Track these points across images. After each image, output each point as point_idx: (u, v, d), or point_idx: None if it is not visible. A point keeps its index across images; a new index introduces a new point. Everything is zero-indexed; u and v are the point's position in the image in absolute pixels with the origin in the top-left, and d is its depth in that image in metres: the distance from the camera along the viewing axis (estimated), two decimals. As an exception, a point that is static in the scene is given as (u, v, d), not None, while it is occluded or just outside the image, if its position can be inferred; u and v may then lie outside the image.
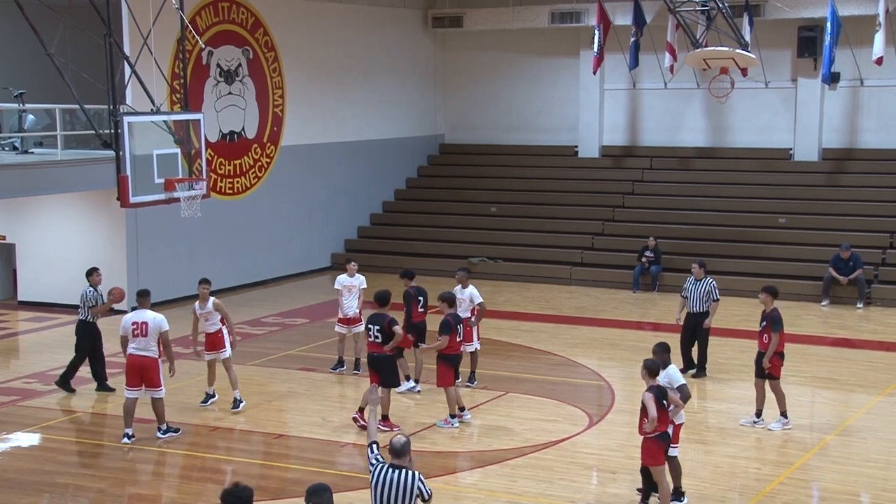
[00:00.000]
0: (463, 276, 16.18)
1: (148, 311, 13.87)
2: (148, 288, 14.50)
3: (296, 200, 25.77)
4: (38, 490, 12.42)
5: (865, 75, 25.49)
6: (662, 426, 11.07)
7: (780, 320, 14.02)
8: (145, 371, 13.72)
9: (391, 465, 8.16)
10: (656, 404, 10.95)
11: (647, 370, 11.21)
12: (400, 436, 8.44)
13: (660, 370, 11.34)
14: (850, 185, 25.69)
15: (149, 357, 13.71)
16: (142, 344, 13.66)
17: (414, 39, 29.34)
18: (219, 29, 23.36)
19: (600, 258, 25.33)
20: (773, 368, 14.01)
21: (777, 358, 14.03)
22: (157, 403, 13.90)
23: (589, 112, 28.53)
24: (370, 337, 13.96)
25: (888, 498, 12.04)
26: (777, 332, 13.93)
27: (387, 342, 13.80)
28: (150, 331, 13.66)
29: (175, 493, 12.42)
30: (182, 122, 15.87)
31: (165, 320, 13.85)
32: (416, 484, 8.00)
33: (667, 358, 11.77)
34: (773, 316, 14.06)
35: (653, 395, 10.99)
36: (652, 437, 11.06)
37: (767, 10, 25.24)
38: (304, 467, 12.94)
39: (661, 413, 11.05)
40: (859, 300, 22.20)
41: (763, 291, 14.36)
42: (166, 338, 13.78)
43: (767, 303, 14.22)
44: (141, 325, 13.69)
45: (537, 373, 17.28)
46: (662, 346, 11.94)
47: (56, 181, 19.53)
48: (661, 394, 11.11)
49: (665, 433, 11.12)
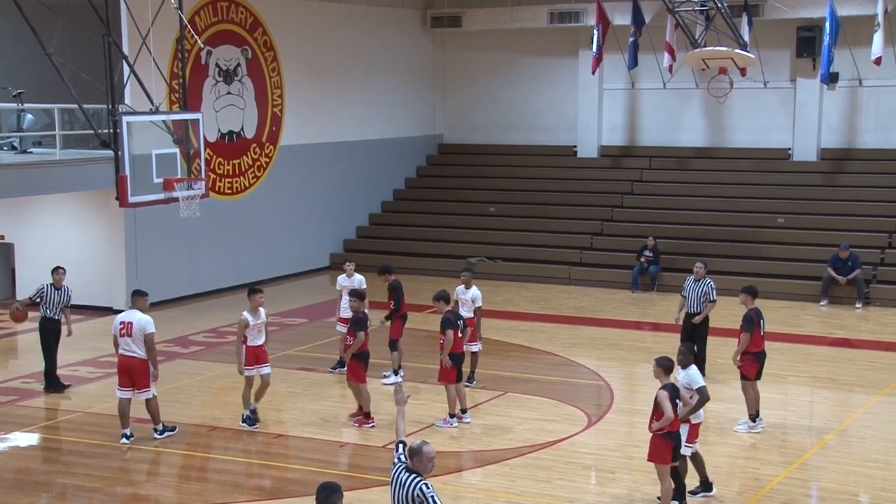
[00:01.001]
0: (468, 277, 16.22)
1: (137, 311, 13.73)
2: (143, 289, 14.34)
3: (295, 200, 25.76)
4: (36, 490, 12.42)
5: (864, 75, 25.49)
6: (673, 425, 11.06)
7: (752, 320, 13.97)
8: (132, 372, 13.66)
9: (406, 467, 8.16)
10: (672, 402, 10.96)
11: (662, 368, 11.20)
12: (422, 442, 8.35)
13: (674, 368, 11.34)
14: (849, 185, 25.69)
15: (135, 357, 13.61)
16: (128, 344, 13.61)
17: (413, 39, 29.34)
18: (218, 28, 23.35)
19: (599, 258, 25.34)
20: (744, 368, 13.99)
21: (749, 358, 13.97)
22: (148, 404, 13.83)
23: (588, 112, 28.54)
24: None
25: (887, 498, 12.04)
26: (749, 331, 13.92)
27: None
28: (135, 332, 13.56)
29: (174, 493, 12.40)
30: (181, 122, 15.86)
31: (152, 322, 13.69)
32: (416, 492, 7.96)
33: (690, 359, 11.77)
34: (746, 315, 14.08)
35: (668, 393, 10.98)
36: (660, 434, 11.04)
37: (766, 11, 25.25)
38: (304, 467, 12.93)
39: (673, 412, 11.03)
40: (858, 300, 22.21)
41: (742, 291, 14.39)
42: (151, 340, 13.62)
43: (747, 302, 14.23)
44: (127, 325, 13.63)
45: (536, 373, 17.28)
46: (688, 346, 12.02)
47: (55, 181, 19.51)
48: (674, 392, 11.11)
49: (674, 432, 11.09)
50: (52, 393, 16.09)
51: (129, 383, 13.70)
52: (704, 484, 11.84)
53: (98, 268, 21.73)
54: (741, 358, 13.97)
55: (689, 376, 11.61)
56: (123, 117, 14.62)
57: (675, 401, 11.07)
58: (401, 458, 8.27)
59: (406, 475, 8.06)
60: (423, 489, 7.92)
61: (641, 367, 17.83)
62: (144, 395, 13.74)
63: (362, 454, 13.67)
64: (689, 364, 11.71)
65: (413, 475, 8.05)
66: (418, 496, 7.91)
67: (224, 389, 16.06)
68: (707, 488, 11.84)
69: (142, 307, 13.85)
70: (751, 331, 13.93)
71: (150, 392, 13.75)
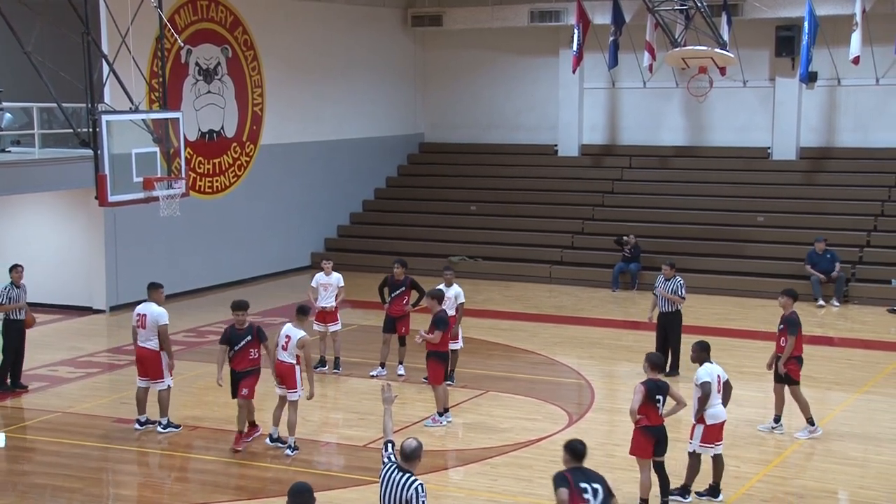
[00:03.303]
0: (450, 275, 16.27)
1: (152, 303, 14.02)
2: (158, 281, 14.48)
3: (275, 199, 25.70)
4: (15, 490, 12.35)
5: (842, 75, 25.63)
6: (652, 420, 11.09)
7: (797, 323, 13.85)
8: (146, 362, 14.02)
9: (398, 467, 8.17)
10: (645, 398, 11.00)
11: (649, 363, 11.31)
12: (412, 440, 8.37)
13: (665, 365, 11.38)
14: (828, 183, 25.83)
15: (148, 349, 13.96)
16: (142, 335, 13.97)
17: (393, 38, 29.32)
18: (197, 27, 23.27)
19: (580, 257, 25.39)
20: (791, 372, 13.86)
21: (794, 362, 13.87)
22: (159, 395, 14.05)
23: (568, 111, 28.59)
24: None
25: (865, 495, 12.12)
26: (794, 335, 13.78)
27: None
28: (149, 323, 13.90)
29: (154, 493, 12.36)
30: (161, 121, 15.83)
31: (165, 314, 13.96)
32: (412, 493, 7.98)
33: (704, 356, 11.77)
34: (790, 318, 13.89)
35: (644, 388, 11.04)
36: (639, 428, 11.11)
37: (745, 10, 25.35)
38: (284, 466, 12.90)
39: (650, 407, 11.06)
40: (834, 298, 22.30)
41: (783, 294, 14.17)
42: (164, 332, 13.91)
43: (787, 306, 14.01)
44: (142, 317, 13.99)
45: (517, 371, 17.31)
46: (701, 344, 11.95)
47: (34, 180, 19.42)
48: (656, 388, 11.12)
49: (655, 427, 11.12)
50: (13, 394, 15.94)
51: (145, 373, 14.05)
52: (713, 489, 11.77)
53: (77, 267, 21.64)
54: (787, 363, 13.84)
55: (697, 372, 11.65)
56: (103, 116, 14.57)
57: (654, 397, 11.09)
58: (391, 457, 8.29)
59: (399, 475, 8.11)
60: (418, 490, 7.99)
61: (622, 365, 17.90)
62: (158, 386, 14.03)
63: (343, 453, 13.67)
64: (702, 360, 11.70)
65: (407, 475, 8.09)
66: (412, 496, 7.96)
67: (205, 389, 16.01)
68: (714, 494, 11.76)
69: (157, 299, 14.11)
70: (795, 334, 13.78)
71: (164, 383, 14.04)
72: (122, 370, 17.15)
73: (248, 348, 13.32)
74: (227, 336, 13.35)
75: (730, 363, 14.66)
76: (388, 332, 16.69)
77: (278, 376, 13.24)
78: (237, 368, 13.37)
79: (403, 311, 16.63)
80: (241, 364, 13.33)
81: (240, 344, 13.29)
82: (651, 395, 11.09)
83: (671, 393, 11.31)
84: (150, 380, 14.06)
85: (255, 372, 13.43)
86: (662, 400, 11.19)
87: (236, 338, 13.33)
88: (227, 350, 13.30)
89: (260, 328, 13.52)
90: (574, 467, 8.56)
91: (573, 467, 8.56)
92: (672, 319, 16.66)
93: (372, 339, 18.04)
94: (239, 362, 13.34)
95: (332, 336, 16.96)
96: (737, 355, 17.64)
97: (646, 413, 11.12)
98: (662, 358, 11.42)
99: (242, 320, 13.34)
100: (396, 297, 16.64)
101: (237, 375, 13.36)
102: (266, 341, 13.45)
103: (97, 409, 15.32)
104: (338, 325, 16.93)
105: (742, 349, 18.40)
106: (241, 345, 13.29)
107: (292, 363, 13.16)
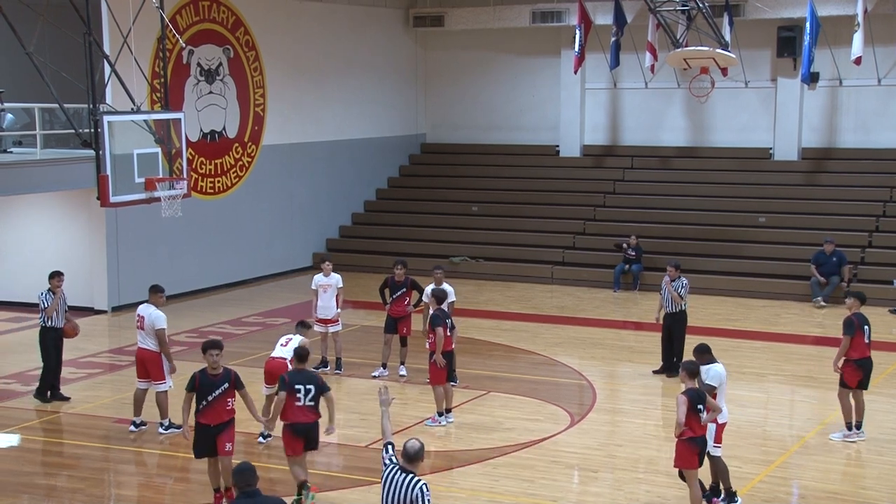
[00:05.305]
0: (440, 274, 16.32)
1: (150, 305, 14.06)
2: (159, 284, 14.50)
3: (277, 200, 25.71)
4: (16, 491, 12.35)
5: (844, 75, 25.62)
6: (696, 431, 10.88)
7: (852, 325, 13.48)
8: (145, 363, 14.05)
9: (401, 468, 8.19)
10: (689, 408, 10.76)
11: (686, 372, 11.04)
12: (414, 441, 8.38)
13: (698, 372, 11.17)
14: (829, 184, 25.81)
15: (147, 350, 14.02)
16: (141, 337, 14.05)
17: (395, 39, 29.32)
18: (199, 28, 23.28)
19: (582, 257, 25.38)
20: (844, 375, 13.60)
21: (851, 365, 13.56)
22: (158, 396, 14.04)
23: (570, 111, 28.59)
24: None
25: (867, 495, 12.10)
26: (848, 335, 13.46)
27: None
28: (146, 326, 13.96)
29: (155, 494, 12.36)
30: (162, 122, 15.81)
31: (162, 318, 13.96)
32: (416, 492, 8.00)
33: (708, 357, 11.68)
34: (846, 319, 13.60)
35: (686, 398, 10.79)
36: (684, 440, 10.88)
37: (747, 10, 25.35)
38: (286, 467, 12.88)
39: (693, 417, 10.81)
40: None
41: (850, 296, 13.84)
42: (161, 336, 13.92)
43: (853, 307, 13.70)
44: (140, 318, 14.06)
45: (519, 372, 17.31)
46: (701, 347, 11.85)
47: (35, 181, 19.43)
48: (697, 398, 10.87)
49: (699, 437, 10.91)
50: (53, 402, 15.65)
51: (143, 374, 14.07)
52: (713, 489, 11.69)
53: (79, 268, 21.62)
54: (843, 365, 13.60)
55: (710, 371, 11.55)
56: (104, 117, 14.57)
57: (696, 407, 10.84)
58: (392, 459, 8.30)
59: (402, 476, 8.14)
60: (423, 489, 8.03)
61: (623, 366, 17.90)
62: (157, 387, 14.03)
63: (344, 454, 13.67)
64: (708, 362, 11.61)
65: (411, 476, 8.11)
66: (417, 496, 7.99)
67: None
68: (715, 494, 11.69)
69: (155, 302, 14.13)
70: (850, 335, 13.47)
71: (164, 385, 14.03)
72: (124, 371, 17.15)
73: (224, 398, 11.29)
74: (197, 383, 11.26)
75: (731, 364, 14.63)
76: (389, 333, 16.71)
77: (270, 375, 13.36)
78: (213, 423, 11.28)
79: (405, 311, 16.64)
80: (218, 417, 11.31)
81: (214, 394, 11.24)
82: (693, 406, 10.83)
83: (707, 401, 11.06)
84: (151, 381, 14.03)
85: (232, 422, 11.49)
86: (703, 409, 10.95)
87: (209, 386, 11.25)
88: (192, 398, 11.30)
89: (237, 375, 11.49)
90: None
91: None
92: (677, 320, 16.66)
93: (373, 340, 18.06)
94: (215, 416, 11.29)
95: (333, 337, 16.96)
96: (738, 356, 17.65)
97: (689, 424, 10.81)
98: (696, 364, 11.21)
99: (216, 363, 11.28)
100: (397, 298, 16.65)
101: (213, 430, 11.32)
102: (244, 389, 11.51)
103: (99, 409, 15.33)
104: (338, 325, 16.92)
105: (743, 350, 18.41)
106: (216, 394, 11.25)
107: (285, 360, 13.27)
